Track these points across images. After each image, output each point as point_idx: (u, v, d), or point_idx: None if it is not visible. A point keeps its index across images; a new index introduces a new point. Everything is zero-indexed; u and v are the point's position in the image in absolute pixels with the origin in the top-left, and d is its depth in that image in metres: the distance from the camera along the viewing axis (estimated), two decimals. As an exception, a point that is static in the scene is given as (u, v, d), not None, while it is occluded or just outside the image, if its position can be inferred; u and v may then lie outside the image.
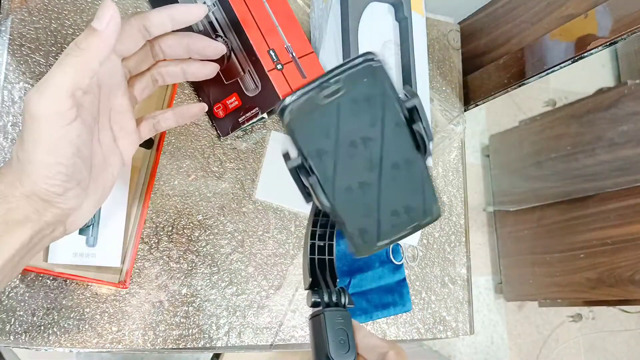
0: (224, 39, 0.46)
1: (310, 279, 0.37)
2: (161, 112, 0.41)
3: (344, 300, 0.36)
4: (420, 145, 0.30)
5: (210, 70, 0.41)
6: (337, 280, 0.38)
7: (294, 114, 0.29)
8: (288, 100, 0.29)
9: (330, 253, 0.39)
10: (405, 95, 0.30)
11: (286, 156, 0.30)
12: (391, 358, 0.33)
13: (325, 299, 0.36)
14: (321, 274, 0.38)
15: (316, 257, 0.38)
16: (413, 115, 0.30)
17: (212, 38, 0.45)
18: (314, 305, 0.36)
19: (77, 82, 0.29)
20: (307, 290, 0.37)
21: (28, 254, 0.32)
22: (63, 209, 0.32)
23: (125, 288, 0.45)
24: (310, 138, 0.29)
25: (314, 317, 0.36)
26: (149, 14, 0.34)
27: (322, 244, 0.38)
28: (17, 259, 0.31)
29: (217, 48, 0.40)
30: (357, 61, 0.29)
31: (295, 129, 0.29)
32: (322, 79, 0.29)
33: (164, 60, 0.39)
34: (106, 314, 0.46)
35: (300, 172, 0.30)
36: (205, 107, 0.42)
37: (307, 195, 0.31)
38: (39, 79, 0.46)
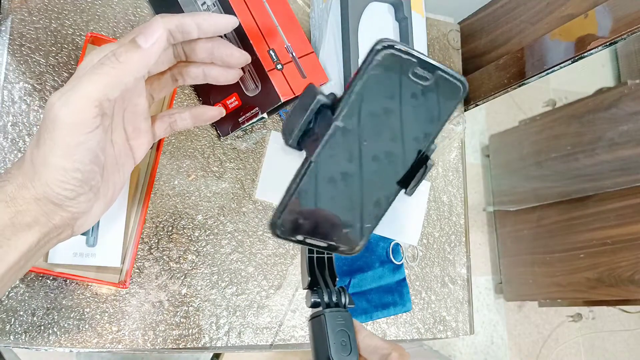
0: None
1: (309, 278, 0.36)
2: (178, 110, 0.39)
3: (344, 300, 0.35)
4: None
5: (232, 77, 0.39)
6: (337, 279, 0.38)
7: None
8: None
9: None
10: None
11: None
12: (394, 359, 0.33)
13: (326, 299, 0.35)
14: (320, 273, 0.37)
15: (315, 255, 0.38)
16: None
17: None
18: (314, 305, 0.35)
19: (106, 94, 0.29)
20: (306, 290, 0.37)
21: (34, 256, 0.32)
22: (73, 213, 0.32)
23: (125, 288, 0.45)
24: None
25: (314, 318, 0.35)
26: (175, 20, 0.32)
27: None
28: (23, 261, 0.31)
29: (241, 57, 0.38)
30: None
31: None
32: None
33: (186, 61, 0.38)
34: (106, 314, 0.46)
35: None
36: (224, 112, 0.41)
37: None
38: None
